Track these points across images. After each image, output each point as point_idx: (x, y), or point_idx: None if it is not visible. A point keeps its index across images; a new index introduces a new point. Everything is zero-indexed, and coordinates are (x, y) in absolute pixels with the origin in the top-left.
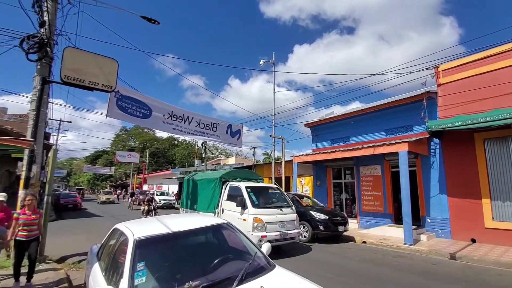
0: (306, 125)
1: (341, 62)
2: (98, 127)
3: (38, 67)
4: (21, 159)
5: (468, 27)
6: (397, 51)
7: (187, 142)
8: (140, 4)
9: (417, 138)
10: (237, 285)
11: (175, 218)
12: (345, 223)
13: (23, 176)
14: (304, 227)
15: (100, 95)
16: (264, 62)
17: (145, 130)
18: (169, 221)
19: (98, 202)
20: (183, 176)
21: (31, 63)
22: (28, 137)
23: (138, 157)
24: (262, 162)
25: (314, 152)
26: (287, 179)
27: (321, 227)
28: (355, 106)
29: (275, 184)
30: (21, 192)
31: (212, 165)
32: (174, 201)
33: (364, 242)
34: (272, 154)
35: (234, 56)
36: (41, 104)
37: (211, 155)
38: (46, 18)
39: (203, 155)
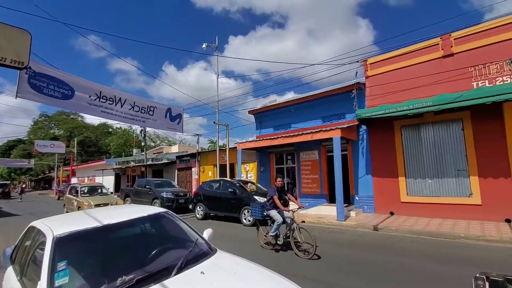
0: (250, 112)
1: (275, 54)
2: (10, 112)
3: None
4: None
5: (381, 29)
6: (325, 46)
7: (123, 129)
8: None
9: (349, 125)
10: (176, 274)
11: (108, 210)
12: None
13: None
14: (248, 211)
15: (9, 74)
16: (207, 46)
17: (72, 116)
18: (100, 213)
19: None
20: (120, 166)
21: None
22: None
23: (64, 147)
24: (207, 150)
25: (258, 139)
26: (232, 166)
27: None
28: (291, 96)
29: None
30: None
31: (153, 154)
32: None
33: (303, 221)
34: (216, 142)
35: (168, 43)
36: None
37: (152, 144)
38: None
39: (143, 144)
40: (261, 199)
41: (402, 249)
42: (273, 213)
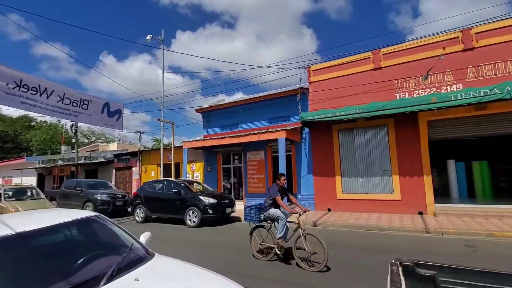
0: (197, 110)
1: (224, 53)
2: None
3: None
4: None
5: (324, 39)
6: (273, 50)
7: (50, 123)
8: None
9: (293, 127)
10: (106, 283)
11: (27, 215)
12: (232, 205)
13: None
14: (193, 212)
15: None
16: (152, 38)
17: None
18: (15, 219)
19: None
20: (44, 165)
21: None
22: None
23: None
24: (150, 148)
25: (205, 138)
26: (178, 166)
27: (210, 211)
28: (239, 96)
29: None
30: None
31: (87, 152)
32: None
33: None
34: (161, 140)
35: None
36: None
37: (86, 140)
38: None
39: (73, 140)
40: (207, 199)
41: (337, 242)
42: (273, 210)
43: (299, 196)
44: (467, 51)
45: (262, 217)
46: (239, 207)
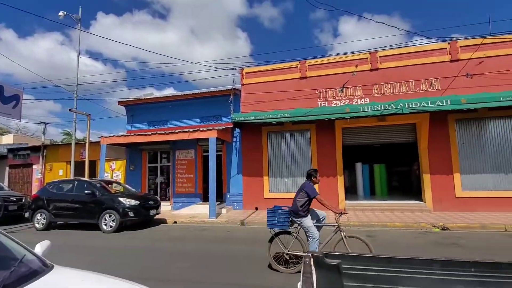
0: (120, 103)
1: (154, 44)
2: None
3: None
4: None
5: (257, 44)
6: (207, 48)
7: None
8: None
9: (224, 127)
10: None
11: None
12: (157, 207)
13: None
14: (110, 216)
15: None
16: (65, 14)
17: None
18: None
19: None
20: None
21: None
22: None
23: None
24: (59, 143)
25: (129, 134)
26: (93, 164)
27: (131, 214)
28: (170, 92)
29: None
30: None
31: None
32: None
33: (175, 222)
34: (73, 133)
35: None
36: None
37: None
38: None
39: None
40: (128, 201)
41: (262, 238)
42: (308, 223)
43: (228, 196)
44: (373, 70)
45: (292, 224)
46: (165, 208)
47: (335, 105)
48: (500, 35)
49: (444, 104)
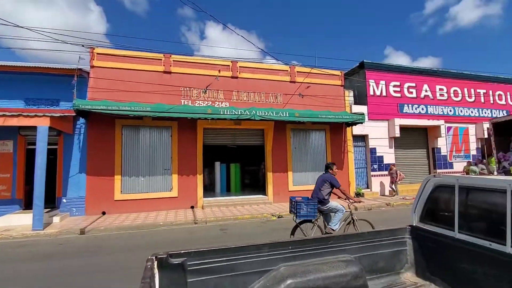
0: None
1: None
2: None
3: None
4: None
5: (114, 25)
6: (45, 12)
7: None
8: None
9: (63, 114)
10: None
11: None
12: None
13: None
14: None
15: None
16: None
17: None
18: None
19: None
20: None
21: None
22: None
23: None
24: None
25: None
26: None
27: None
28: None
29: None
30: None
31: None
32: None
33: None
34: None
35: None
36: None
37: None
38: None
39: None
40: None
41: (106, 247)
42: (334, 203)
43: (64, 200)
44: (234, 78)
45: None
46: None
47: (198, 105)
48: (323, 68)
49: (284, 115)
